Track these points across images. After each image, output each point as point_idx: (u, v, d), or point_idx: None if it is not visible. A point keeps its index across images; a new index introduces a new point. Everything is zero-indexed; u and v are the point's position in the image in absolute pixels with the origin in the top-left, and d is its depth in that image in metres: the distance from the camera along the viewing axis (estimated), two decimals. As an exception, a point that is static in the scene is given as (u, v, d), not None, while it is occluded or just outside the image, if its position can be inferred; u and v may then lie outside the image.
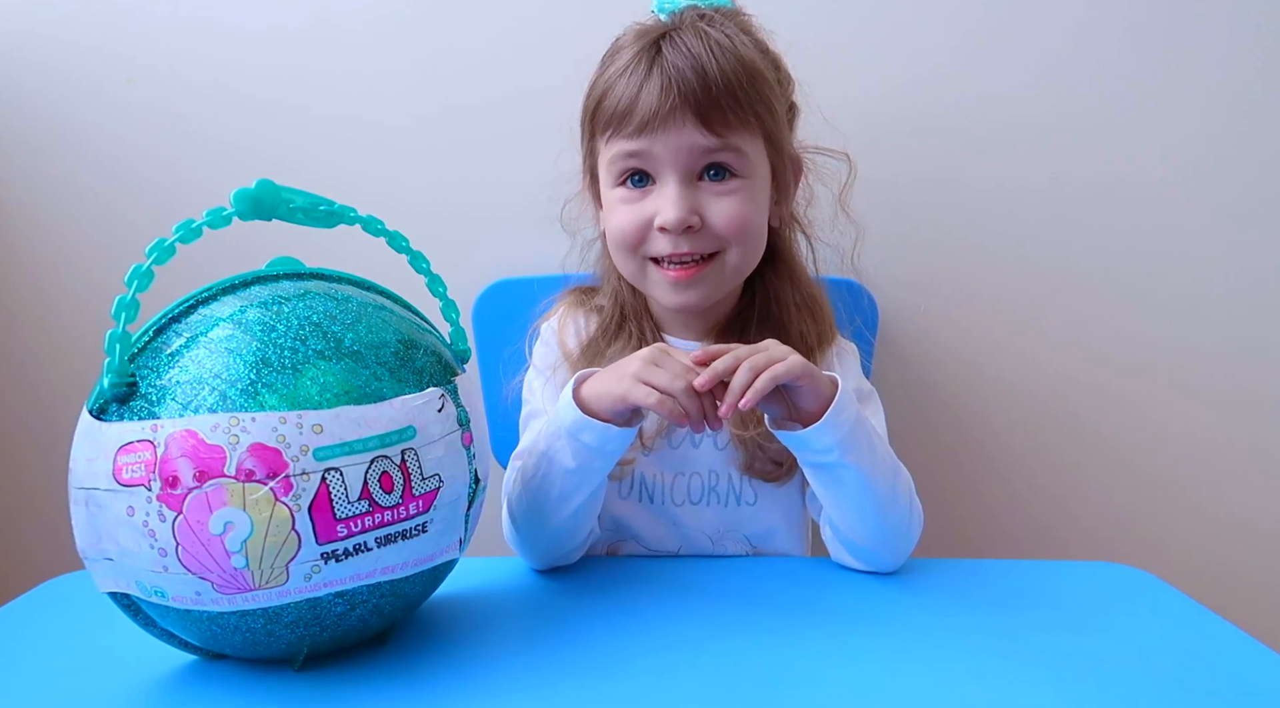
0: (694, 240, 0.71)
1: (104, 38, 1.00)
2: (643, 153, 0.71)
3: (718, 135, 0.69)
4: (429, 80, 1.01)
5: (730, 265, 0.74)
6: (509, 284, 0.99)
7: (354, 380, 0.49)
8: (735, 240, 0.72)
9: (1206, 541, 1.06)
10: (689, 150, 0.70)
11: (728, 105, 0.68)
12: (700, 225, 0.71)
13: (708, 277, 0.73)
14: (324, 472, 0.47)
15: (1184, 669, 0.55)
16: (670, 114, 0.68)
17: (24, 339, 1.07)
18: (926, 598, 0.65)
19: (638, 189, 0.73)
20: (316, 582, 0.48)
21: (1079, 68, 0.98)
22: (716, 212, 0.71)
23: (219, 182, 0.59)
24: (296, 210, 0.53)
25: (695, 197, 0.71)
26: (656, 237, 0.72)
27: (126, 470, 0.46)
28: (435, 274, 0.60)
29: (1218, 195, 1.00)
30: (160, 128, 1.02)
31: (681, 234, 0.71)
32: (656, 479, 0.77)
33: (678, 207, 0.70)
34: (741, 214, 0.71)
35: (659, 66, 0.69)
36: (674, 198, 0.70)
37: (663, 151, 0.70)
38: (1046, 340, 1.04)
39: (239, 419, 0.46)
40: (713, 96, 0.68)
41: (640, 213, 0.72)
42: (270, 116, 1.01)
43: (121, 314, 0.48)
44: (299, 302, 0.52)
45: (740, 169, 0.71)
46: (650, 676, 0.53)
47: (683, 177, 0.71)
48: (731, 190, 0.71)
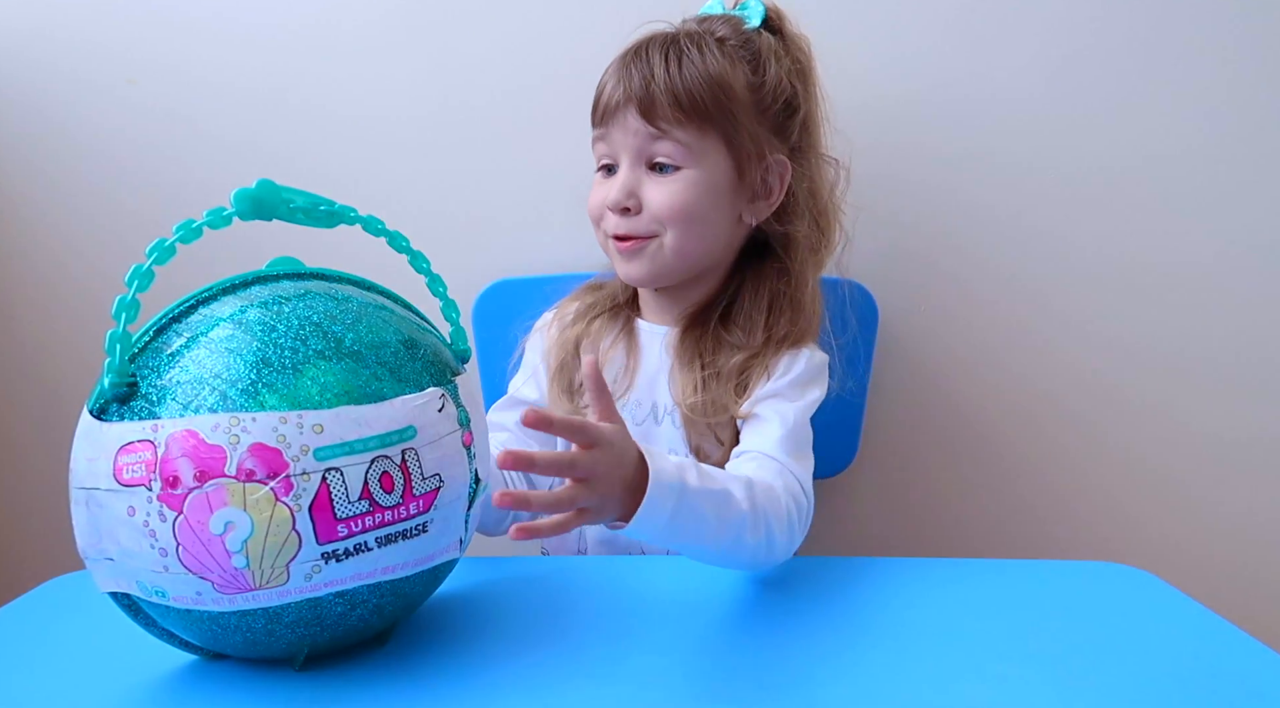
0: (632, 222, 0.80)
1: (105, 37, 1.00)
2: (602, 139, 0.81)
3: (658, 130, 0.77)
4: (429, 80, 1.01)
5: (668, 247, 0.80)
6: (509, 284, 0.99)
7: (354, 380, 0.49)
8: (670, 225, 0.79)
9: (1207, 541, 1.06)
10: (634, 137, 0.79)
11: (668, 105, 0.77)
12: (638, 209, 0.79)
13: (645, 253, 0.80)
14: (324, 472, 0.47)
15: (1184, 669, 0.55)
16: (618, 107, 0.79)
17: (25, 339, 1.07)
18: (927, 598, 0.65)
19: (608, 176, 0.82)
20: (317, 582, 0.48)
21: (1079, 68, 0.98)
22: (654, 196, 0.79)
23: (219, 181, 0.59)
24: (297, 210, 0.53)
25: (639, 182, 0.80)
26: (607, 215, 0.81)
27: (127, 470, 0.46)
28: (435, 274, 0.60)
29: (1220, 195, 1.00)
30: (160, 127, 1.02)
31: (620, 215, 0.80)
32: None
33: (619, 189, 0.79)
34: (676, 201, 0.78)
35: (621, 70, 0.79)
36: (618, 181, 0.80)
37: (616, 141, 0.80)
38: (1047, 340, 1.04)
39: (239, 419, 0.46)
40: (655, 99, 0.77)
41: (600, 194, 0.82)
42: (270, 116, 1.01)
43: (122, 314, 0.48)
44: (299, 302, 0.52)
45: (682, 162, 0.78)
46: (650, 676, 0.53)
47: (631, 164, 0.80)
48: (672, 179, 0.79)
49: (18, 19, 1.00)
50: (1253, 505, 1.06)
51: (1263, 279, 1.01)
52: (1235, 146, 0.99)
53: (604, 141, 0.81)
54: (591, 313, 0.88)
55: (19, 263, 1.05)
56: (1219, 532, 1.06)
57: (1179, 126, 0.99)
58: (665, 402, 0.83)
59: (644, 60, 0.78)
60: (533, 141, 1.00)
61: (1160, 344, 1.03)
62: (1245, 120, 0.98)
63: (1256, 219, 1.00)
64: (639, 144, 0.79)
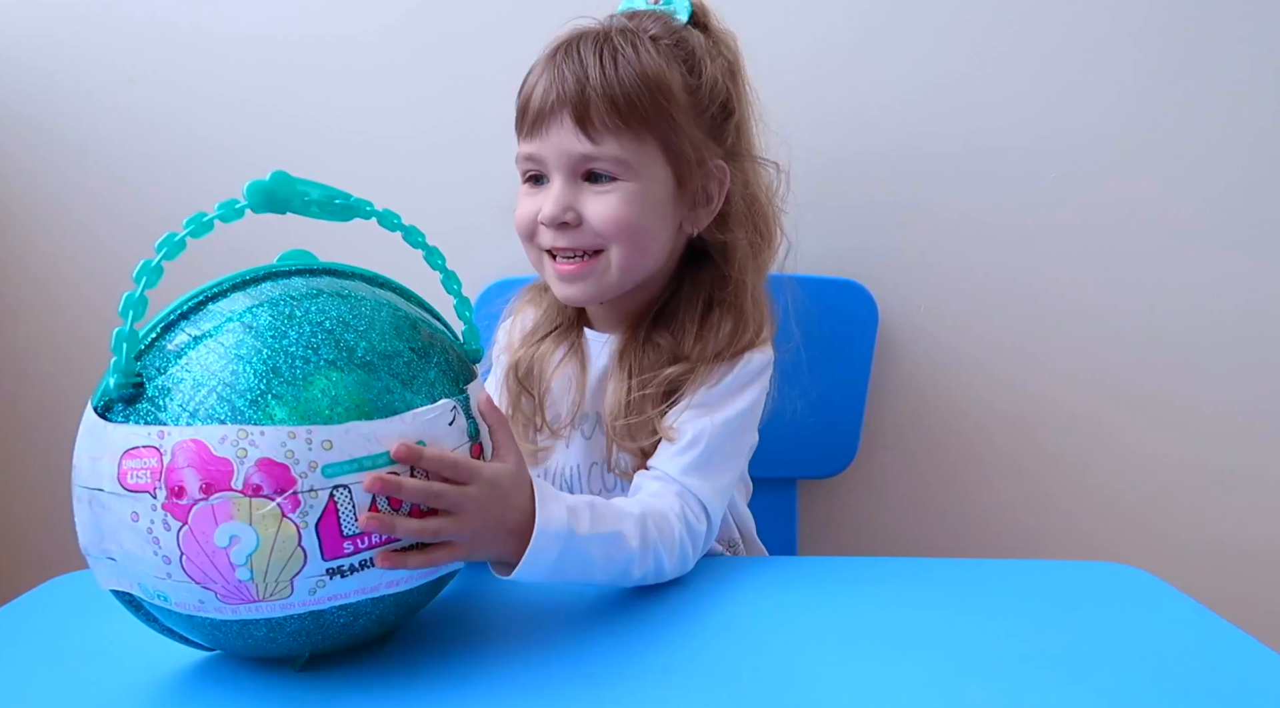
0: (572, 236, 0.75)
1: (107, 38, 1.00)
2: (535, 156, 0.75)
3: (594, 142, 0.72)
4: (430, 80, 1.00)
5: (615, 264, 0.75)
6: (509, 284, 0.99)
7: (366, 393, 0.48)
8: (613, 238, 0.74)
9: (1206, 540, 1.07)
10: (568, 153, 0.73)
11: (606, 112, 0.71)
12: (578, 222, 0.74)
13: (590, 274, 0.76)
14: (332, 489, 0.46)
15: (1184, 669, 0.55)
16: (551, 117, 0.73)
17: (25, 338, 1.07)
18: (926, 598, 0.65)
19: (536, 187, 0.77)
20: (321, 596, 0.47)
21: (1076, 69, 0.98)
22: (593, 210, 0.74)
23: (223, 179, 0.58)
24: (311, 203, 0.52)
25: (575, 195, 0.74)
26: (542, 230, 0.76)
27: (132, 476, 0.45)
28: (450, 270, 0.59)
29: (1217, 195, 1.00)
30: (166, 126, 1.01)
31: (559, 229, 0.74)
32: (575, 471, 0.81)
33: (554, 202, 0.74)
34: (617, 214, 0.73)
35: (549, 71, 0.74)
36: (553, 195, 0.74)
37: (547, 153, 0.74)
38: (1047, 340, 1.04)
39: (248, 432, 0.45)
40: (589, 104, 0.71)
41: (532, 206, 0.76)
42: (273, 115, 1.01)
43: (129, 312, 0.47)
44: (311, 304, 0.50)
45: (620, 173, 0.74)
46: (650, 676, 0.53)
47: (566, 176, 0.74)
48: (610, 191, 0.74)
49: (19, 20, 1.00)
50: (1253, 506, 1.06)
51: (1263, 278, 1.01)
52: (1233, 140, 0.99)
53: (533, 150, 0.75)
54: (540, 330, 0.85)
55: (24, 261, 1.05)
56: (1219, 532, 1.07)
57: (1178, 128, 0.99)
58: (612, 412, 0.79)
59: (575, 60, 0.73)
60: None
61: (1160, 344, 1.03)
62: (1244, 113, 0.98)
63: (1256, 218, 1.00)
64: (573, 153, 0.73)
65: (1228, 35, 0.97)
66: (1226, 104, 0.98)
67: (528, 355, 0.83)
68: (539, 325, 0.86)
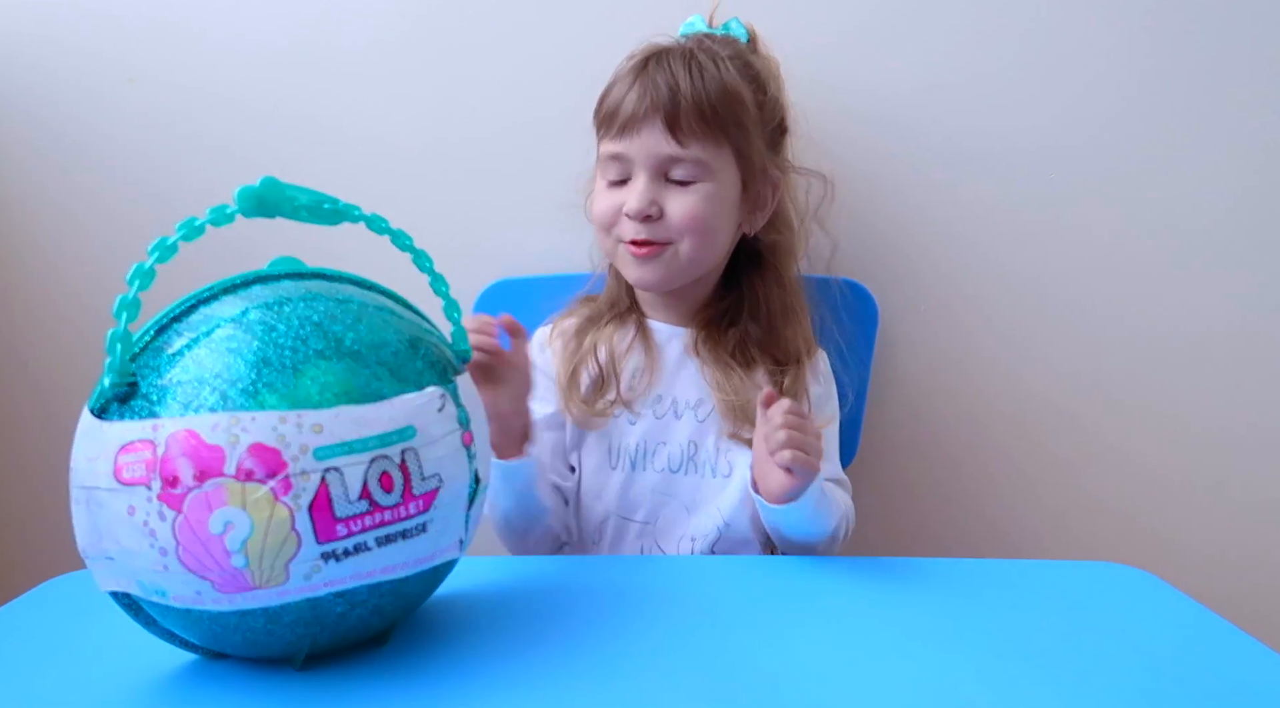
0: (652, 229, 0.82)
1: (105, 38, 1.00)
2: (621, 155, 0.83)
3: (681, 144, 0.80)
4: (429, 80, 1.01)
5: (683, 255, 0.83)
6: (509, 284, 0.99)
7: (354, 380, 0.49)
8: (687, 233, 0.82)
9: (1206, 541, 1.07)
10: (656, 154, 0.81)
11: (694, 118, 0.79)
12: (659, 216, 0.82)
13: (661, 259, 0.84)
14: (324, 471, 0.46)
15: (1184, 669, 0.55)
16: (643, 120, 0.80)
17: (25, 339, 1.07)
18: (926, 598, 0.65)
19: (617, 184, 0.84)
20: (316, 581, 0.48)
21: (1078, 71, 0.98)
22: (674, 206, 0.82)
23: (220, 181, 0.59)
24: (300, 208, 0.53)
25: (659, 192, 0.82)
26: (624, 222, 0.83)
27: (127, 470, 0.46)
28: (438, 274, 0.59)
29: (1219, 200, 1.00)
30: (162, 127, 1.02)
31: (642, 222, 0.82)
32: (641, 447, 0.87)
33: (640, 198, 0.81)
34: (695, 211, 0.82)
35: (641, 80, 0.81)
36: (639, 190, 0.82)
37: (635, 153, 0.82)
38: (1046, 340, 1.04)
39: (239, 419, 0.46)
40: (680, 110, 0.79)
41: (615, 200, 0.84)
42: (271, 116, 1.02)
43: (123, 313, 0.47)
44: (300, 302, 0.51)
45: (701, 176, 0.82)
46: (650, 676, 0.53)
47: (651, 175, 0.82)
48: (691, 191, 0.82)
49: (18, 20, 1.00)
50: (1252, 506, 1.06)
51: (1263, 283, 1.01)
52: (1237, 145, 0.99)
53: (621, 149, 0.82)
54: (599, 321, 0.91)
55: (19, 262, 1.05)
56: (1218, 532, 1.06)
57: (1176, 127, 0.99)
58: (687, 397, 0.87)
59: (667, 71, 0.80)
60: (533, 142, 1.01)
61: (1161, 343, 1.03)
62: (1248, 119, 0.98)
63: (1258, 224, 1.00)
64: (661, 154, 0.81)
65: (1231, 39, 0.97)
66: (1231, 110, 0.99)
67: (590, 340, 0.89)
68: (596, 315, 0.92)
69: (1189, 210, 1.00)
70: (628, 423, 0.87)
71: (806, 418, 0.73)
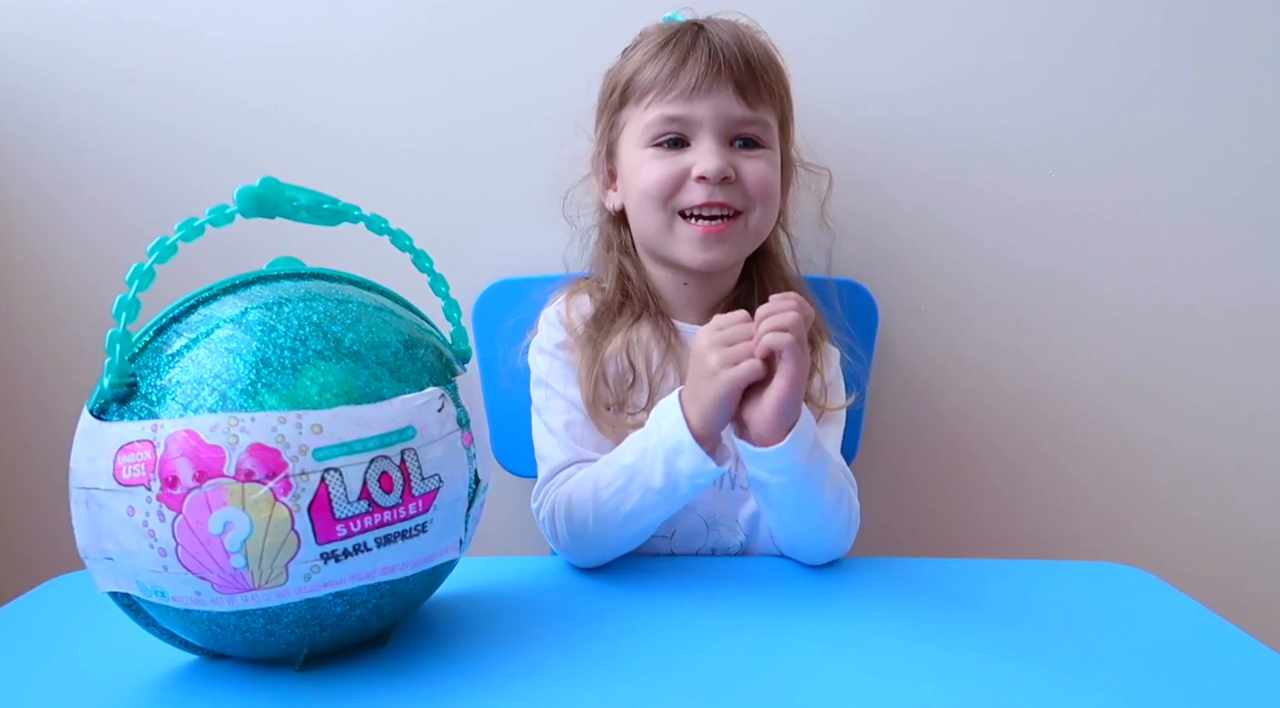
0: (728, 192, 0.77)
1: (104, 39, 1.00)
2: (683, 118, 0.77)
3: (751, 107, 0.77)
4: (428, 81, 1.01)
5: (752, 226, 0.79)
6: (509, 284, 0.99)
7: (354, 381, 0.49)
8: (760, 200, 0.78)
9: (1206, 540, 1.06)
10: (726, 117, 0.76)
11: (762, 81, 0.76)
12: (735, 178, 0.77)
13: (732, 235, 0.78)
14: (323, 472, 0.47)
15: (1184, 669, 0.55)
16: (715, 80, 0.75)
17: (24, 339, 1.07)
18: (927, 598, 0.65)
19: (672, 150, 0.78)
20: (316, 582, 0.48)
21: (1076, 70, 0.98)
22: (749, 170, 0.77)
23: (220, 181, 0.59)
24: (300, 208, 0.53)
25: (730, 155, 0.77)
26: (691, 187, 0.77)
27: (126, 470, 0.46)
28: (438, 274, 0.59)
29: (1216, 200, 1.00)
30: (160, 127, 1.02)
31: (719, 184, 0.76)
32: None
33: (717, 157, 0.75)
34: (768, 177, 0.78)
35: (703, 41, 0.76)
36: (714, 150, 0.76)
37: (704, 116, 0.76)
38: (1046, 341, 1.04)
39: (238, 419, 0.46)
40: (752, 70, 0.76)
41: (675, 165, 0.77)
42: (270, 116, 1.01)
43: (122, 314, 0.48)
44: (299, 302, 0.52)
45: (766, 141, 0.79)
46: (650, 676, 0.53)
47: (719, 139, 0.77)
48: (759, 156, 0.78)
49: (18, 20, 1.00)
50: (1253, 506, 1.06)
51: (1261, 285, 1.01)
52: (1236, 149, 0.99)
53: (682, 112, 0.76)
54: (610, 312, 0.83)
55: (19, 263, 1.05)
56: (1219, 532, 1.06)
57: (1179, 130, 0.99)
58: None
59: (724, 35, 0.76)
60: (533, 142, 1.00)
61: (1160, 344, 1.03)
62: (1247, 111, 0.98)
63: (1258, 219, 1.00)
64: (733, 116, 0.76)
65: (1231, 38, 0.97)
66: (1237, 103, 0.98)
67: (623, 339, 0.81)
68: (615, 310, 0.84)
69: (1189, 212, 1.00)
70: None
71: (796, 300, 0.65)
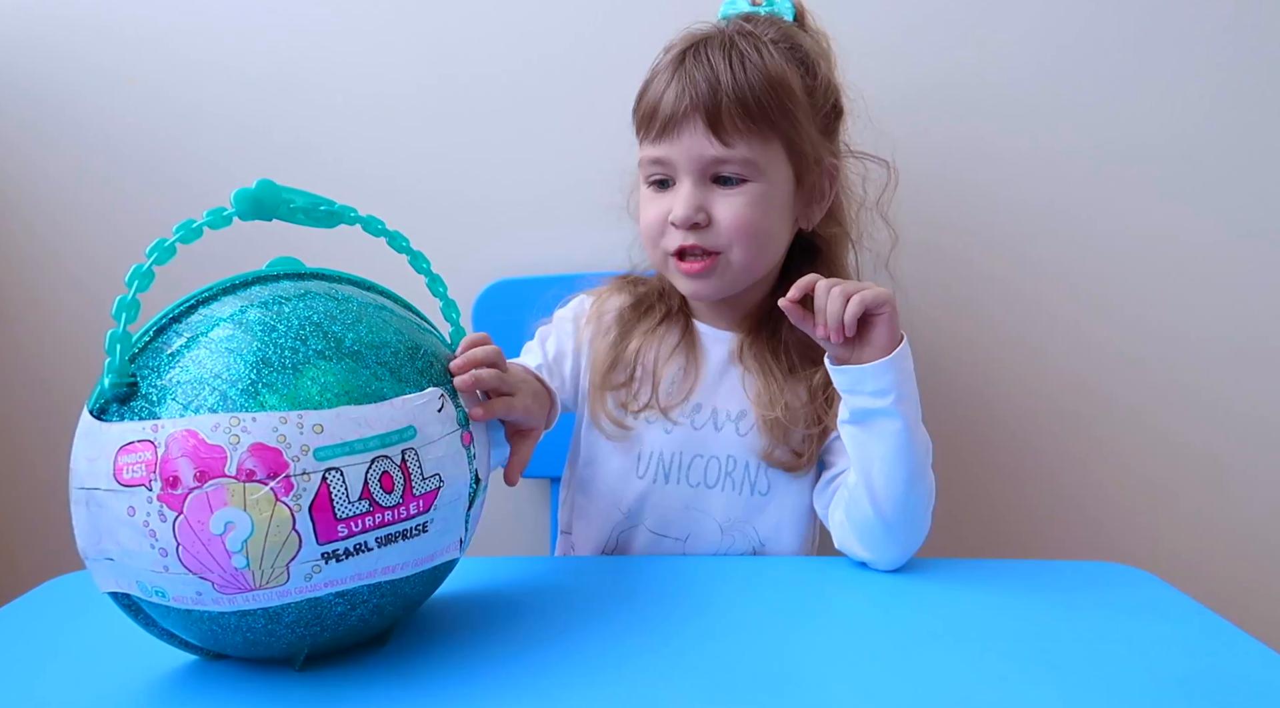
0: (701, 236, 0.76)
1: (105, 38, 1.00)
2: (664, 160, 0.77)
3: (726, 145, 0.74)
4: (430, 79, 1.01)
5: (735, 263, 0.77)
6: (509, 284, 0.99)
7: (354, 380, 0.49)
8: (737, 240, 0.76)
9: (1206, 540, 1.06)
10: (699, 157, 0.75)
11: (737, 116, 0.73)
12: (708, 222, 0.76)
13: (713, 274, 0.78)
14: (324, 472, 0.47)
15: (1184, 669, 0.55)
16: (685, 119, 0.74)
17: (25, 339, 1.07)
18: (927, 598, 0.65)
19: (661, 190, 0.79)
20: (317, 582, 0.48)
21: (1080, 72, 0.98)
22: (723, 211, 0.76)
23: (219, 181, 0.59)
24: (297, 210, 0.53)
25: (705, 197, 0.76)
26: (671, 231, 0.77)
27: (127, 470, 0.46)
28: (436, 274, 0.60)
29: (1226, 204, 1.00)
30: (161, 127, 1.02)
31: (690, 230, 0.76)
32: (676, 458, 0.81)
33: (686, 204, 0.75)
34: (745, 216, 0.75)
35: (679, 76, 0.75)
36: (684, 196, 0.75)
37: (677, 157, 0.75)
38: (1049, 341, 1.04)
39: (239, 419, 0.46)
40: (721, 107, 0.73)
41: (660, 209, 0.78)
42: (270, 116, 1.02)
43: (122, 314, 0.48)
44: (299, 302, 0.52)
45: (750, 175, 0.75)
46: (650, 675, 0.53)
47: (695, 179, 0.76)
48: (739, 193, 0.76)
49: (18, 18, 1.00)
50: (1253, 506, 1.06)
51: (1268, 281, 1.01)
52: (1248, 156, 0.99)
53: (661, 153, 0.76)
54: (649, 319, 0.85)
55: (19, 263, 1.05)
56: (1219, 531, 1.06)
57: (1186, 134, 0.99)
58: (728, 408, 0.81)
59: (705, 65, 0.74)
60: (533, 141, 1.00)
61: (1160, 345, 1.03)
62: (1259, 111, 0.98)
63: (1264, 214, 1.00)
64: (705, 156, 0.74)
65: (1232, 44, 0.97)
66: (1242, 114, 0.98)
67: (637, 343, 0.83)
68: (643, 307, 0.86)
69: (1192, 215, 1.00)
70: (662, 431, 0.81)
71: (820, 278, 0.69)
